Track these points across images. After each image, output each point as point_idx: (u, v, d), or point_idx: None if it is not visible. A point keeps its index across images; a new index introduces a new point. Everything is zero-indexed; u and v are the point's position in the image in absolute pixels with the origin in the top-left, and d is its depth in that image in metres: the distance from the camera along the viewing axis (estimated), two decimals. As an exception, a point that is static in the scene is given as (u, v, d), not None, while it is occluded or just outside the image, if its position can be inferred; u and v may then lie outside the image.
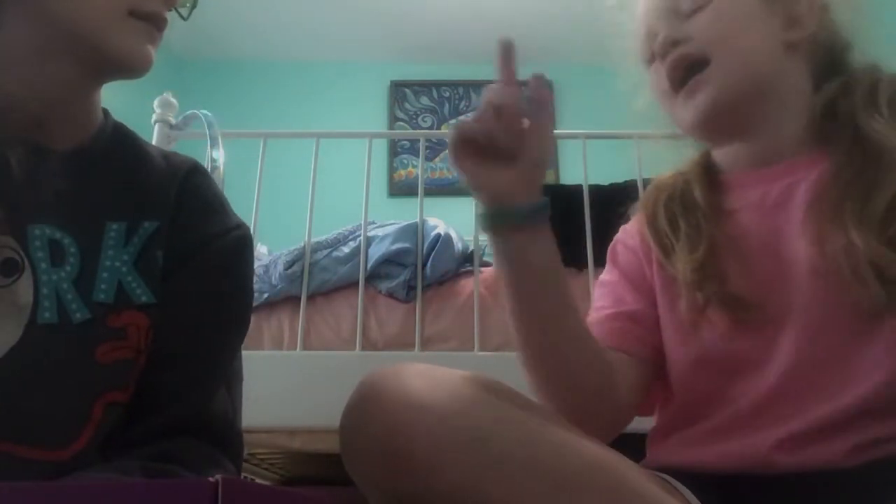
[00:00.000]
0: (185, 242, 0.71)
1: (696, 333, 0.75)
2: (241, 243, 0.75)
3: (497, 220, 0.68)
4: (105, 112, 0.76)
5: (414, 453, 0.51)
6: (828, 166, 0.72)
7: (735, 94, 0.75)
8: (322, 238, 2.01)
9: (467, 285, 1.90)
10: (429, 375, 0.57)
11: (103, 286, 0.67)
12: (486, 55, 0.77)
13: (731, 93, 0.75)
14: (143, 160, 0.74)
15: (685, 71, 0.76)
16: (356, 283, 1.85)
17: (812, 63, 0.78)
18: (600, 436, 0.65)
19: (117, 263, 0.68)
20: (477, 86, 3.80)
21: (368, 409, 0.55)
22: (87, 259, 0.67)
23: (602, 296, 0.85)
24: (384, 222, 2.10)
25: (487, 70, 0.66)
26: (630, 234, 0.88)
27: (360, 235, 1.94)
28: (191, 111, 2.08)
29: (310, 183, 1.97)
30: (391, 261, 1.92)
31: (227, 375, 0.73)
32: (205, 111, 2.07)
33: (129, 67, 0.69)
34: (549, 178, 3.24)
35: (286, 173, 2.43)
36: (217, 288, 0.73)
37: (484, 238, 2.09)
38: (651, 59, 0.81)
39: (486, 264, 2.15)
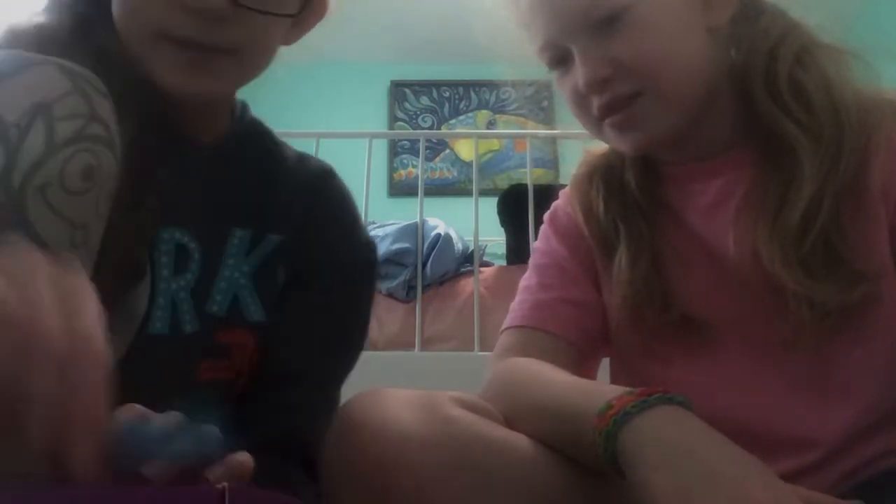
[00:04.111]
0: (310, 259, 0.70)
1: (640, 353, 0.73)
2: (366, 267, 0.74)
3: None
4: (244, 105, 0.73)
5: (401, 486, 0.50)
6: (754, 167, 0.69)
7: (673, 123, 0.69)
8: (322, 238, 2.01)
9: (467, 285, 1.90)
10: (409, 402, 0.54)
11: (218, 297, 0.65)
12: (487, 55, 0.76)
13: (668, 125, 0.69)
14: (277, 163, 0.72)
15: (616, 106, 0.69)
16: (356, 283, 1.85)
17: (732, 38, 0.71)
18: None
19: (236, 274, 0.66)
20: (477, 86, 3.79)
21: (350, 442, 0.53)
22: (208, 266, 0.65)
23: (547, 270, 0.79)
24: (384, 222, 2.10)
25: (487, 70, 0.65)
26: (569, 207, 0.81)
27: (360, 235, 1.94)
28: (191, 111, 2.08)
29: (310, 183, 1.96)
30: (391, 261, 1.92)
31: (332, 402, 0.71)
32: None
33: (166, 92, 0.61)
34: (549, 178, 3.23)
35: (286, 173, 2.43)
36: (337, 312, 0.71)
37: (484, 238, 2.09)
38: (555, 66, 0.72)
39: (487, 264, 2.15)
